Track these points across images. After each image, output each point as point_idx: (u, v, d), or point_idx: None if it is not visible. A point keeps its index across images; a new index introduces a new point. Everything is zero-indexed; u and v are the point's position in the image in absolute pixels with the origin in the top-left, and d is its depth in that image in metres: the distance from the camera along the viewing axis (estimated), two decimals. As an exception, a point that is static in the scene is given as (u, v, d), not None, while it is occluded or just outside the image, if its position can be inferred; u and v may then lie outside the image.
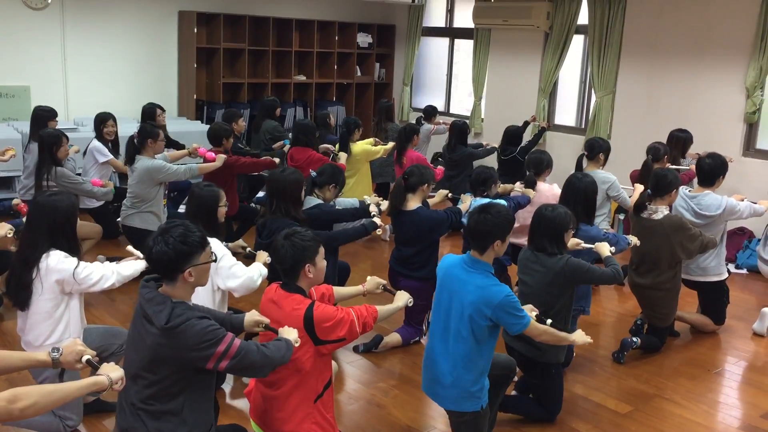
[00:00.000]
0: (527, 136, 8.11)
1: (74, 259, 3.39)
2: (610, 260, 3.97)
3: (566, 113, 9.19)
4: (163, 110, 7.25)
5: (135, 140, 5.53)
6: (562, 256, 3.74)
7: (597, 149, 5.75)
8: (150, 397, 2.52)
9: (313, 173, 4.76)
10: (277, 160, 6.31)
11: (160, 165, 5.44)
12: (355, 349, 4.74)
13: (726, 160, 5.09)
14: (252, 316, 2.91)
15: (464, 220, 4.94)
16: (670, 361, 4.86)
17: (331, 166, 4.89)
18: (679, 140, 6.35)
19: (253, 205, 7.27)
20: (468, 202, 4.84)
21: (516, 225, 3.64)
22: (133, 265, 3.61)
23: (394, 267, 4.83)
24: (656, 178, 4.72)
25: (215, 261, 2.69)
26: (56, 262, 3.36)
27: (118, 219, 5.99)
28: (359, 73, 10.86)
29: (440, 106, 10.57)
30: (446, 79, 10.66)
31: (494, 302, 3.11)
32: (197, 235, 2.57)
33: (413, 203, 4.62)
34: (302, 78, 10.30)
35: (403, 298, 3.28)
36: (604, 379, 4.56)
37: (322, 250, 2.95)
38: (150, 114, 7.04)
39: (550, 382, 3.87)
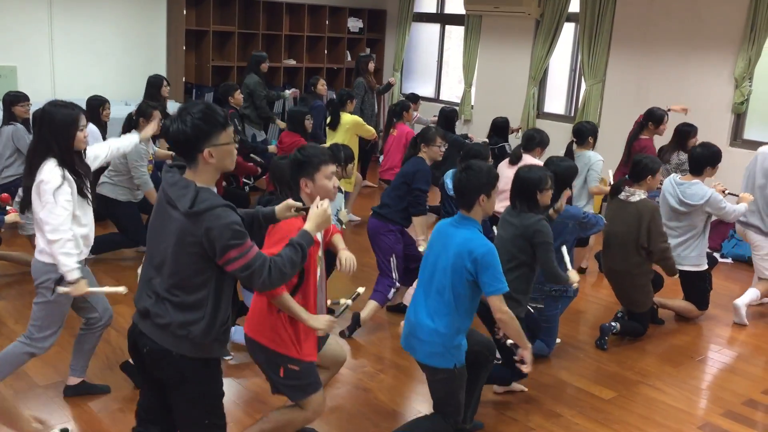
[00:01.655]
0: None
1: (59, 181, 3.31)
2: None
3: (556, 101, 9.20)
4: (169, 83, 7.26)
5: (133, 116, 5.67)
6: (537, 216, 3.81)
7: (586, 134, 5.86)
8: (174, 287, 2.46)
9: None
10: (258, 169, 6.28)
11: (138, 155, 5.48)
12: (342, 334, 4.76)
13: (718, 151, 5.09)
14: (284, 202, 2.88)
15: (449, 179, 5.09)
16: (654, 348, 4.90)
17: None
18: (677, 133, 6.34)
19: (246, 189, 7.35)
20: None
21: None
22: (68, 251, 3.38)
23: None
24: (633, 164, 4.85)
25: (237, 144, 2.60)
26: (46, 171, 3.34)
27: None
28: (349, 58, 10.81)
29: (430, 93, 10.57)
30: (437, 66, 10.63)
31: (475, 253, 3.09)
32: (219, 113, 2.46)
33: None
34: (292, 62, 10.24)
35: (319, 320, 2.96)
36: (588, 365, 4.60)
37: (327, 169, 3.00)
38: (156, 85, 7.03)
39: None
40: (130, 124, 5.66)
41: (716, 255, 6.76)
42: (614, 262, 4.86)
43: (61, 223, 3.32)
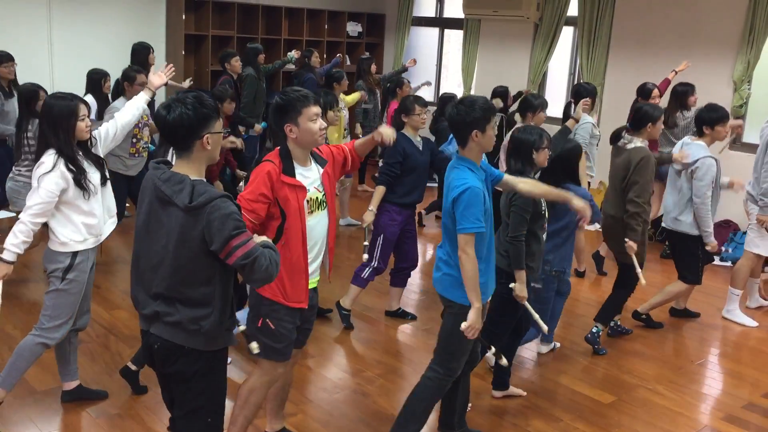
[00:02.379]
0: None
1: (48, 168, 3.30)
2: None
3: (555, 105, 9.17)
4: (153, 50, 7.17)
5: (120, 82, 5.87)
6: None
7: (582, 95, 5.97)
8: (179, 284, 2.44)
9: None
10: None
11: (113, 117, 5.40)
12: (351, 327, 4.93)
13: (717, 116, 4.90)
14: None
15: (447, 148, 5.18)
16: (654, 352, 4.89)
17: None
18: (674, 94, 6.49)
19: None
20: None
21: None
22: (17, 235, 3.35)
23: None
24: (634, 112, 4.83)
25: (227, 134, 2.60)
26: (44, 156, 3.35)
27: None
28: (348, 63, 10.81)
29: (430, 97, 10.57)
30: (436, 70, 10.64)
31: (453, 192, 3.10)
32: (212, 100, 2.47)
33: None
34: (292, 66, 10.23)
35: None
36: (587, 369, 4.59)
37: (310, 110, 2.94)
38: (143, 53, 6.98)
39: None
40: (118, 91, 5.81)
41: (716, 257, 6.77)
42: (608, 207, 4.81)
43: (31, 207, 3.30)
